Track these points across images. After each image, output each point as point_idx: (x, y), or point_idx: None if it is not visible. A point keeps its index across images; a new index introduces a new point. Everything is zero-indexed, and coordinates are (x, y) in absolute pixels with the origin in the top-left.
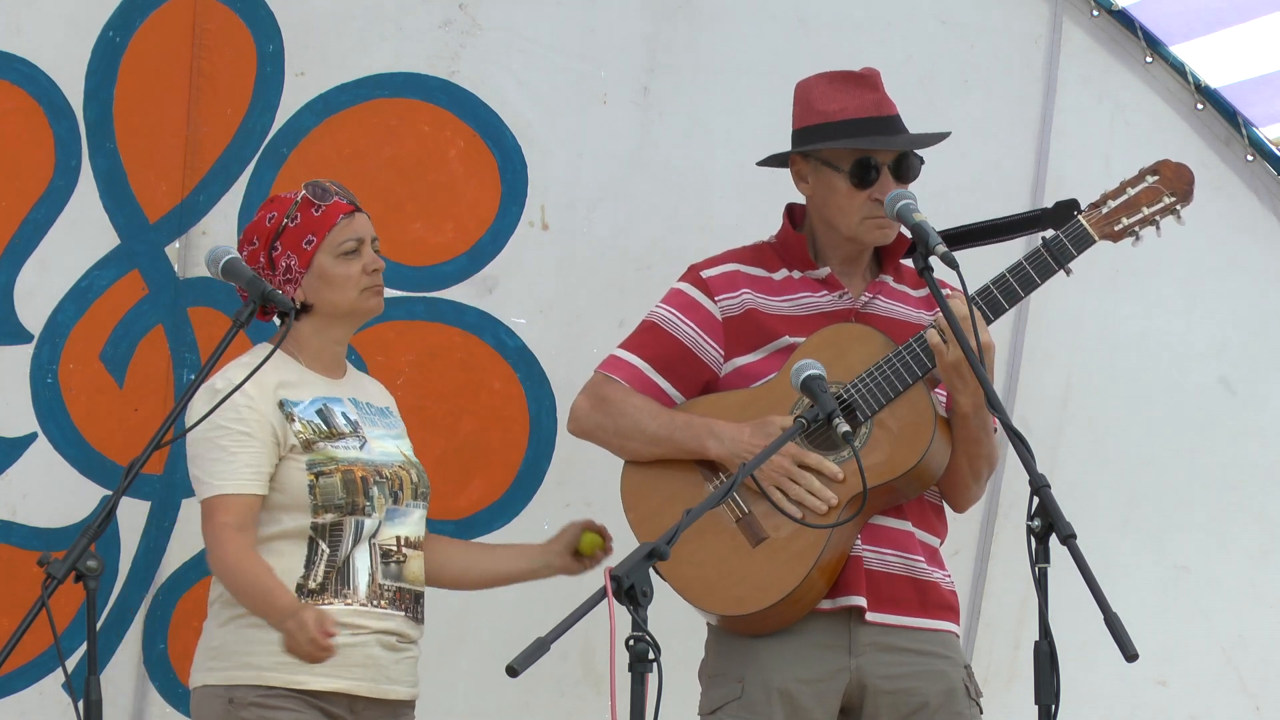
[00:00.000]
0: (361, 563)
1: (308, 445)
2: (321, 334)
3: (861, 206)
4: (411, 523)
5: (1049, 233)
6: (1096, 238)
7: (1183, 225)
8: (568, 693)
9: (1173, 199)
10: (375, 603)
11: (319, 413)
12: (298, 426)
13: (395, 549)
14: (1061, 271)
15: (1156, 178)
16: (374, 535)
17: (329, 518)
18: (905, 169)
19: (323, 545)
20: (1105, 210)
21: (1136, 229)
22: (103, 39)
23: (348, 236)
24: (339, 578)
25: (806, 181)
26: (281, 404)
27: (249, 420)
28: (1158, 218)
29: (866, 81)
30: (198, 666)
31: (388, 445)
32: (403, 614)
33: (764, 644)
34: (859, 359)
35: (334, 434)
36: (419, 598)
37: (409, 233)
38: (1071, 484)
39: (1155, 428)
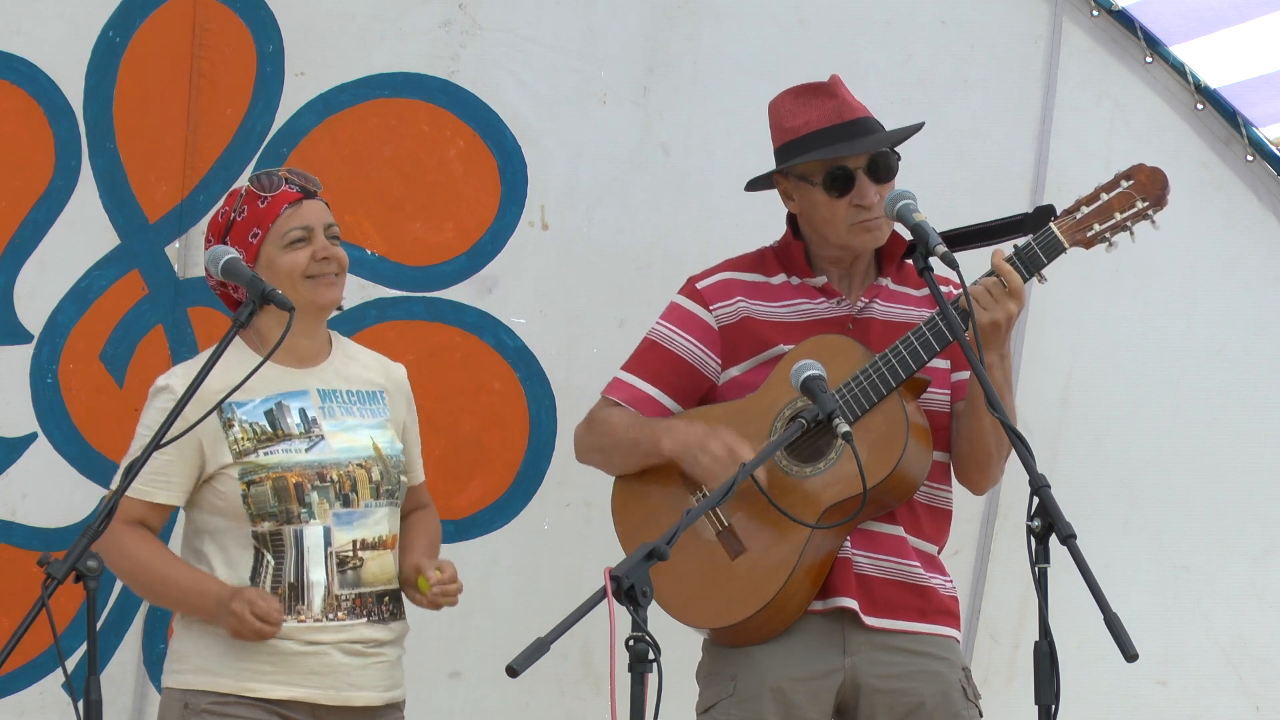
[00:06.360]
0: (316, 576)
1: (240, 455)
2: (283, 327)
3: (845, 214)
4: (371, 524)
5: (1021, 241)
6: (1067, 245)
7: (1157, 229)
8: (568, 693)
9: (1145, 204)
10: (331, 616)
11: (268, 414)
12: (236, 433)
13: (351, 554)
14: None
15: (1131, 182)
16: (329, 544)
17: (266, 526)
18: (880, 169)
19: (267, 556)
20: (1078, 216)
21: (1108, 235)
22: (103, 39)
23: (293, 226)
24: (292, 594)
25: (792, 199)
26: (222, 409)
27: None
28: (1130, 223)
29: (825, 90)
30: (165, 668)
31: (356, 438)
32: (364, 620)
33: (758, 644)
34: (838, 371)
35: (278, 436)
36: (383, 597)
37: (409, 232)
38: (1071, 484)
39: (1155, 428)
